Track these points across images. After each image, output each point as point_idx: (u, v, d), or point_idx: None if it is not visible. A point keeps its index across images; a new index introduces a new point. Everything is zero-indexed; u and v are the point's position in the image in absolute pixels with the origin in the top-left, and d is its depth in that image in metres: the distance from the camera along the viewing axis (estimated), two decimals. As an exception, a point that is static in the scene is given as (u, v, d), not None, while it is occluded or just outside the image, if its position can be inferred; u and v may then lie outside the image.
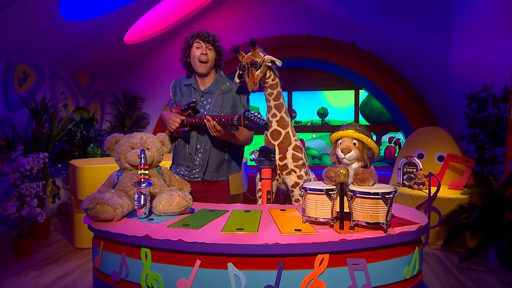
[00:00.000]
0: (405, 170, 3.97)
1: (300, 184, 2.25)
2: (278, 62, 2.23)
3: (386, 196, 1.29)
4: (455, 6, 4.58)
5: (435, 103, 4.85)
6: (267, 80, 2.31)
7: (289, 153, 2.34)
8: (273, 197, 2.29)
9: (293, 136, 2.38)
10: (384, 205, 1.29)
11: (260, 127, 1.72)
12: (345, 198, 1.37)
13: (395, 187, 1.35)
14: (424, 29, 4.84)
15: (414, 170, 3.92)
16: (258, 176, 2.36)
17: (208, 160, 2.02)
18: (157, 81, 5.79)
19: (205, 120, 1.83)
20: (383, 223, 1.29)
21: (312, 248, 1.20)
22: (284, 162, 2.34)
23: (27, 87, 4.39)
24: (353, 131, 1.42)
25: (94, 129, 4.91)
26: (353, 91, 5.52)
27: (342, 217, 1.36)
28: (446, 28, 4.66)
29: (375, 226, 1.30)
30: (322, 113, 5.76)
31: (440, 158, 4.04)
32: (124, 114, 5.66)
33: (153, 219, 1.50)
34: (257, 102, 5.45)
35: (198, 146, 2.02)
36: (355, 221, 1.34)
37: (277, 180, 2.39)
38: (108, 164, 3.38)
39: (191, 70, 2.09)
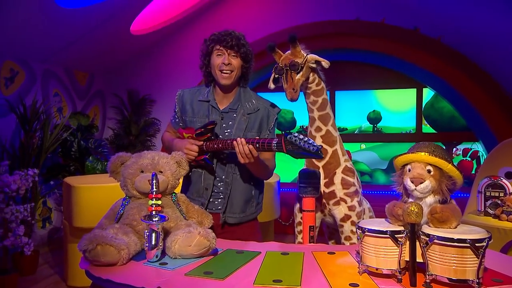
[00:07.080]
0: (488, 194, 3.77)
1: (352, 218, 2.18)
2: (325, 63, 2.18)
3: (477, 244, 1.19)
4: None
5: (527, 105, 4.60)
6: (310, 86, 2.27)
7: (338, 178, 2.27)
8: (317, 233, 2.22)
9: (343, 155, 2.32)
10: (474, 256, 1.19)
11: (311, 155, 1.60)
12: (417, 243, 1.28)
13: (489, 232, 1.24)
14: (511, 8, 4.61)
15: (501, 194, 3.72)
16: (298, 206, 2.30)
17: (229, 197, 1.99)
18: (169, 80, 5.85)
19: (235, 142, 1.78)
20: (473, 281, 1.19)
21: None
22: (331, 188, 2.27)
23: (15, 88, 4.50)
24: (426, 154, 1.34)
25: (94, 139, 5.02)
26: (415, 89, 5.45)
27: (414, 270, 1.27)
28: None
29: (461, 284, 1.20)
30: (374, 118, 5.66)
31: (536, 179, 3.81)
32: (130, 119, 5.74)
33: (166, 263, 1.50)
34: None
35: (217, 178, 2.00)
36: (432, 275, 1.25)
37: (322, 211, 2.32)
38: (111, 183, 3.31)
39: (211, 79, 2.06)
